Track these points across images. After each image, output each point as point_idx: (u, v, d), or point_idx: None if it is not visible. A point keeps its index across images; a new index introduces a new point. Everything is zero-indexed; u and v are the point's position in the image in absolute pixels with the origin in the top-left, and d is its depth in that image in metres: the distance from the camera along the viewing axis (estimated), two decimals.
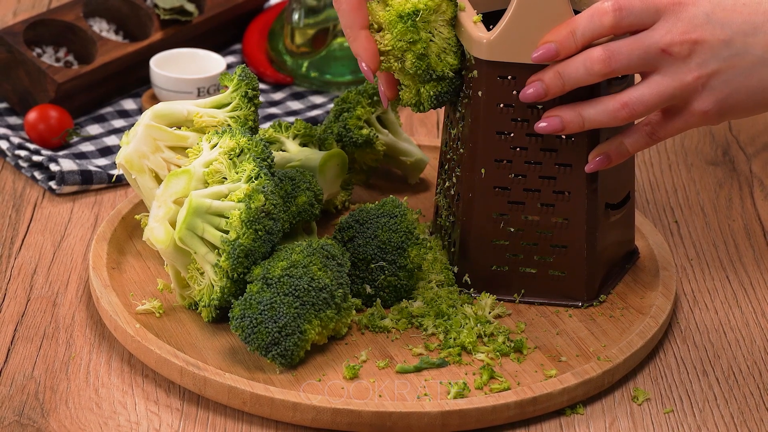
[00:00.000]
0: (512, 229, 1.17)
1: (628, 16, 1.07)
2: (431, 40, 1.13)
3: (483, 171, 1.16)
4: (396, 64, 1.14)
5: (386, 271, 1.15)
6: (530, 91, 1.11)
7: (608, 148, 1.13)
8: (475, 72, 1.14)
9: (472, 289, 1.19)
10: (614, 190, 1.19)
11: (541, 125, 1.12)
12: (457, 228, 1.19)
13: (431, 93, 1.15)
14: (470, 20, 1.14)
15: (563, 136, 1.14)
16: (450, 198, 1.21)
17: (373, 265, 1.15)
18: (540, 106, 1.13)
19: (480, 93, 1.14)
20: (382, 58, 1.13)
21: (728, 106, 1.09)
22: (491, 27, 1.13)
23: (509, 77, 1.13)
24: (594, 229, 1.16)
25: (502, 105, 1.14)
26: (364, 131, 1.30)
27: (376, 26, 1.14)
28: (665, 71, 1.08)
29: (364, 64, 1.14)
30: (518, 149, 1.15)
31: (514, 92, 1.13)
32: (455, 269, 1.19)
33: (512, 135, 1.14)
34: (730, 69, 1.07)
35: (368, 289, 1.16)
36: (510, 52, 1.11)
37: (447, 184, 1.21)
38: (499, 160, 1.15)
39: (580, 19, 1.09)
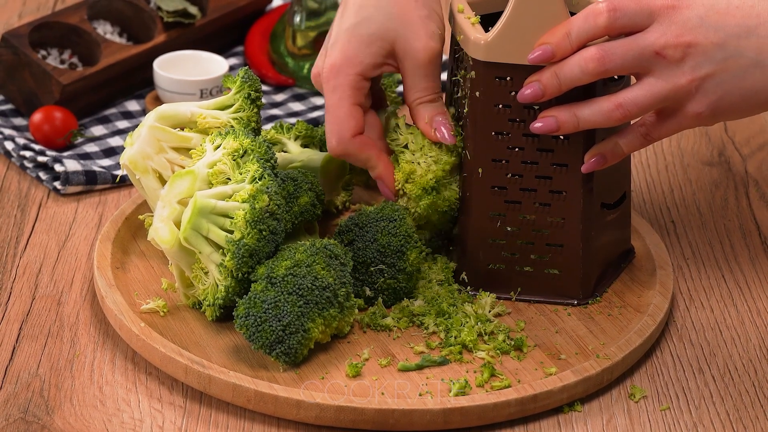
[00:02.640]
0: (509, 228, 1.17)
1: (623, 17, 1.08)
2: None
3: (480, 171, 1.16)
4: (422, 222, 1.19)
5: (386, 274, 1.16)
6: (528, 91, 1.11)
7: (604, 149, 1.14)
8: (473, 73, 1.14)
9: (469, 287, 1.20)
10: (610, 191, 1.19)
11: (537, 125, 1.12)
12: (455, 227, 1.20)
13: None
14: (468, 22, 1.15)
15: (561, 137, 1.15)
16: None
17: (372, 269, 1.16)
18: (536, 107, 1.13)
19: (478, 94, 1.14)
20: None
21: (722, 108, 1.09)
22: (489, 29, 1.13)
23: (506, 78, 1.13)
24: (589, 229, 1.17)
25: (499, 105, 1.14)
26: None
27: (401, 191, 1.18)
28: (659, 73, 1.08)
29: (387, 188, 1.18)
30: (515, 149, 1.15)
31: (512, 93, 1.13)
32: (453, 267, 1.20)
33: (509, 135, 1.15)
34: (723, 72, 1.08)
35: (368, 292, 1.16)
36: (507, 54, 1.12)
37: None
38: (496, 160, 1.16)
39: (576, 20, 1.09)
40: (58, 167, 1.34)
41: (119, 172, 1.36)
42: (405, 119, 1.20)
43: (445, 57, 1.57)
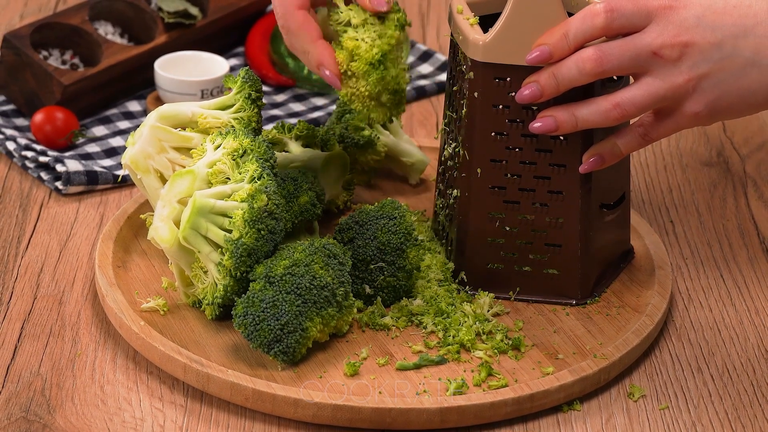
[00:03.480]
0: (508, 228, 1.17)
1: (620, 18, 1.08)
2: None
3: (479, 171, 1.17)
4: (371, 103, 1.16)
5: (385, 272, 1.16)
6: (526, 92, 1.12)
7: (602, 149, 1.14)
8: (472, 73, 1.15)
9: (468, 287, 1.20)
10: (609, 191, 1.19)
11: (536, 125, 1.12)
12: (454, 226, 1.20)
13: (388, 113, 1.18)
14: (467, 23, 1.15)
15: (560, 137, 1.15)
16: (447, 197, 1.22)
17: (372, 266, 1.16)
18: (535, 107, 1.14)
19: (476, 94, 1.15)
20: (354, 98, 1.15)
21: (719, 108, 1.09)
22: (488, 29, 1.14)
23: (505, 79, 1.13)
24: (588, 229, 1.17)
25: (498, 106, 1.14)
26: (366, 132, 1.30)
27: (347, 72, 1.15)
28: (656, 73, 1.09)
29: (328, 72, 1.15)
30: (514, 149, 1.15)
31: (510, 93, 1.13)
32: (452, 267, 1.21)
33: (508, 135, 1.15)
34: (720, 71, 1.08)
35: (367, 290, 1.17)
36: (505, 54, 1.12)
37: (444, 184, 1.23)
38: (495, 160, 1.16)
39: (573, 21, 1.09)
40: (59, 167, 1.35)
41: (121, 172, 1.36)
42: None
43: (444, 57, 1.57)
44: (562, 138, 1.15)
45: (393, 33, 1.15)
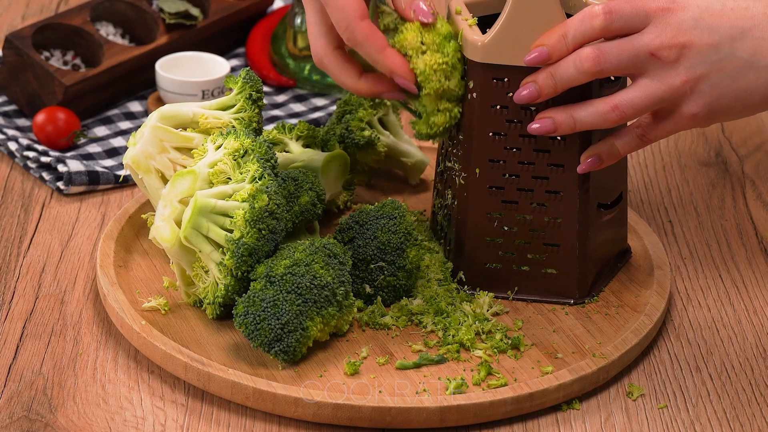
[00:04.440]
0: (506, 228, 1.18)
1: (618, 19, 1.09)
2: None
3: (477, 171, 1.17)
4: (445, 82, 1.14)
5: (385, 272, 1.16)
6: (524, 92, 1.12)
7: (600, 150, 1.14)
8: (470, 74, 1.15)
9: (466, 286, 1.20)
10: (606, 191, 1.20)
11: (534, 126, 1.13)
12: (453, 226, 1.20)
13: (449, 117, 1.16)
14: (466, 23, 1.15)
15: (558, 138, 1.16)
16: (446, 197, 1.22)
17: (372, 266, 1.16)
18: (533, 108, 1.14)
19: (475, 95, 1.15)
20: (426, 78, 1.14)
21: (717, 109, 1.10)
22: (486, 30, 1.14)
23: (503, 79, 1.14)
24: (586, 229, 1.17)
25: (496, 107, 1.15)
26: (366, 133, 1.31)
27: (410, 53, 1.14)
28: (654, 74, 1.09)
29: (401, 78, 1.13)
30: (512, 150, 1.16)
31: (508, 94, 1.14)
32: (451, 266, 1.21)
33: (506, 136, 1.15)
34: (718, 73, 1.08)
35: (368, 289, 1.17)
36: (504, 55, 1.13)
37: (443, 184, 1.23)
38: (493, 161, 1.16)
39: (572, 22, 1.10)
40: (61, 167, 1.35)
41: (122, 172, 1.37)
42: None
43: None
44: (560, 138, 1.15)
45: (453, 58, 1.14)
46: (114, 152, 1.41)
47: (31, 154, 1.38)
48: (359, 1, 1.12)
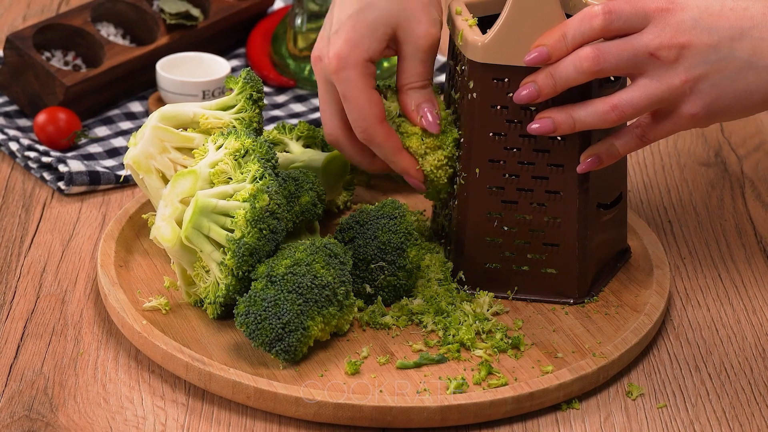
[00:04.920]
0: (506, 228, 1.18)
1: (618, 19, 1.09)
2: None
3: (477, 171, 1.17)
4: (449, 171, 1.19)
5: (386, 271, 1.17)
6: (524, 92, 1.12)
7: (599, 150, 1.14)
8: (470, 74, 1.15)
9: (466, 286, 1.20)
10: (606, 191, 1.20)
11: (534, 126, 1.13)
12: (453, 226, 1.21)
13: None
14: (466, 24, 1.15)
15: (557, 138, 1.16)
16: (446, 197, 1.23)
17: (372, 266, 1.17)
18: (533, 108, 1.14)
19: (475, 95, 1.15)
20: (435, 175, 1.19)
21: (716, 110, 1.10)
22: (486, 31, 1.14)
23: (503, 79, 1.14)
24: (585, 228, 1.17)
25: (496, 107, 1.15)
26: None
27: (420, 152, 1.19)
28: (653, 75, 1.09)
29: (413, 179, 1.18)
30: (512, 150, 1.16)
31: (508, 94, 1.14)
32: (450, 266, 1.21)
33: (506, 136, 1.16)
34: (717, 73, 1.08)
35: (368, 289, 1.17)
36: (504, 55, 1.13)
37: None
38: (493, 161, 1.16)
39: (571, 22, 1.10)
40: (62, 168, 1.35)
41: (123, 172, 1.37)
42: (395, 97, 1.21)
43: (443, 59, 1.58)
44: (560, 138, 1.16)
45: (452, 149, 1.18)
46: (115, 152, 1.41)
47: (32, 154, 1.38)
48: (378, 102, 1.16)
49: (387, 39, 1.16)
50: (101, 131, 1.45)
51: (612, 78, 1.16)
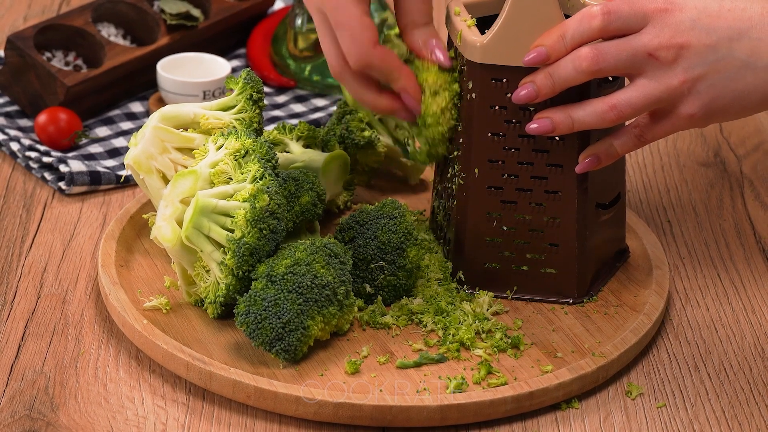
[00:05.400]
0: (505, 228, 1.18)
1: (617, 20, 1.09)
2: None
3: (477, 171, 1.18)
4: (455, 114, 1.17)
5: (386, 271, 1.17)
6: (522, 92, 1.12)
7: (598, 150, 1.15)
8: (469, 75, 1.15)
9: (466, 286, 1.20)
10: (604, 191, 1.20)
11: (533, 126, 1.13)
12: (452, 226, 1.21)
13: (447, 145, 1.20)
14: (465, 24, 1.16)
15: (556, 138, 1.16)
16: (445, 197, 1.23)
17: (372, 265, 1.17)
18: (532, 108, 1.14)
19: (473, 95, 1.16)
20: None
21: (714, 110, 1.10)
22: (485, 31, 1.14)
23: (502, 80, 1.14)
24: (584, 228, 1.18)
25: (495, 107, 1.15)
26: (366, 133, 1.31)
27: (427, 92, 1.17)
28: (652, 75, 1.09)
29: (410, 98, 1.16)
30: (511, 150, 1.16)
31: (507, 94, 1.14)
32: (450, 266, 1.21)
33: (505, 136, 1.16)
34: (715, 73, 1.09)
35: (368, 289, 1.17)
36: (503, 56, 1.13)
37: (442, 184, 1.24)
38: (492, 161, 1.17)
39: (570, 22, 1.10)
40: (62, 168, 1.35)
41: (123, 173, 1.37)
42: (394, 32, 1.20)
43: None
44: (558, 138, 1.16)
45: (455, 98, 1.18)
46: (115, 152, 1.42)
47: (33, 154, 1.38)
48: (370, 26, 1.13)
49: None
50: (102, 131, 1.45)
51: (610, 78, 1.16)
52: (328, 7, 1.13)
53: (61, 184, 1.35)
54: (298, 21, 1.53)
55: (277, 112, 1.50)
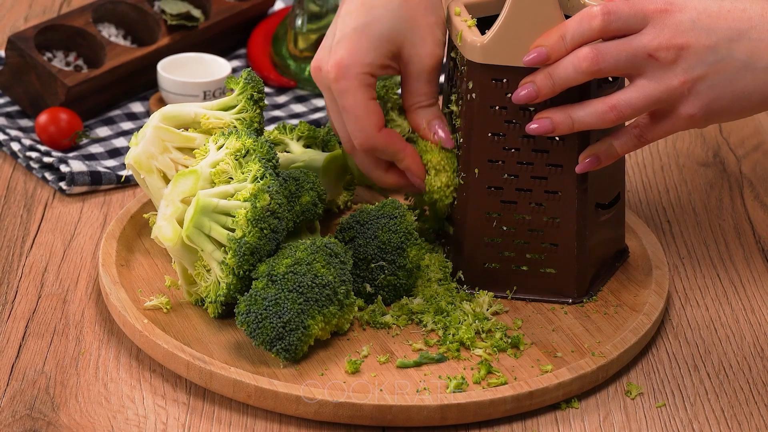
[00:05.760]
0: (505, 228, 1.18)
1: (617, 20, 1.09)
2: None
3: (477, 171, 1.18)
4: (453, 193, 1.19)
5: (386, 271, 1.17)
6: (522, 92, 1.12)
7: (598, 150, 1.15)
8: (469, 75, 1.15)
9: (466, 286, 1.21)
10: (604, 191, 1.20)
11: (533, 126, 1.13)
12: (452, 226, 1.21)
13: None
14: (465, 24, 1.16)
15: (556, 138, 1.16)
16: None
17: (373, 265, 1.17)
18: (532, 108, 1.14)
19: (474, 95, 1.16)
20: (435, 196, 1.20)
21: (714, 111, 1.10)
22: (486, 31, 1.14)
23: (502, 80, 1.14)
24: (584, 228, 1.18)
25: (495, 107, 1.15)
26: None
27: (431, 171, 1.20)
28: (652, 75, 1.09)
29: (416, 177, 1.18)
30: (511, 150, 1.16)
31: (507, 95, 1.14)
32: (450, 266, 1.21)
33: (505, 136, 1.16)
34: (715, 74, 1.09)
35: (368, 288, 1.17)
36: (503, 56, 1.13)
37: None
38: (492, 161, 1.17)
39: (570, 23, 1.10)
40: (63, 168, 1.35)
41: (124, 172, 1.37)
42: (397, 111, 1.22)
43: None
44: (558, 139, 1.16)
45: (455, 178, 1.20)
46: (116, 152, 1.42)
47: (33, 154, 1.38)
48: (377, 111, 1.16)
49: (390, 56, 1.16)
50: (102, 131, 1.45)
51: (610, 78, 1.17)
52: (336, 90, 1.15)
53: (62, 184, 1.35)
54: (299, 21, 1.53)
55: (277, 113, 1.51)
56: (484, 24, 1.17)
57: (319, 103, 1.53)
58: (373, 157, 1.19)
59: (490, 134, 1.16)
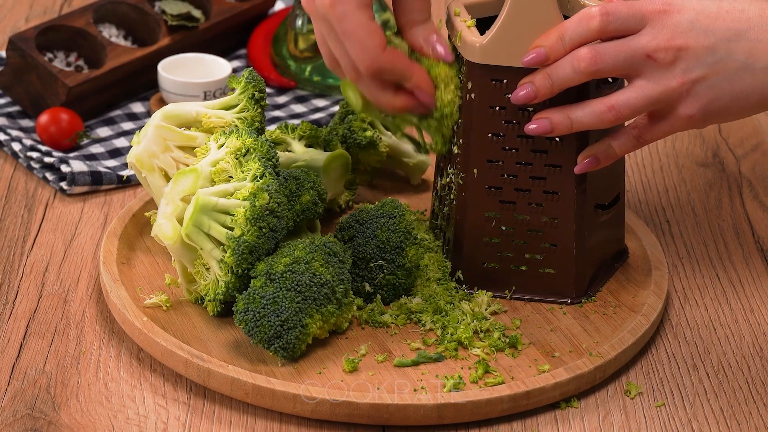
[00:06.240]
0: (504, 228, 1.18)
1: (615, 21, 1.09)
2: None
3: (476, 171, 1.18)
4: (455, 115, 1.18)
5: (385, 270, 1.17)
6: (521, 93, 1.12)
7: (596, 150, 1.15)
8: (469, 75, 1.15)
9: (464, 285, 1.21)
10: (603, 191, 1.20)
11: (531, 127, 1.13)
12: (451, 226, 1.21)
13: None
14: (464, 25, 1.16)
15: (555, 138, 1.16)
16: (444, 197, 1.23)
17: (372, 264, 1.17)
18: (530, 109, 1.15)
19: (473, 95, 1.16)
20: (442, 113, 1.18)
21: (713, 111, 1.10)
22: (485, 32, 1.14)
23: (501, 80, 1.14)
24: (582, 229, 1.18)
25: (494, 107, 1.15)
26: (368, 133, 1.31)
27: (441, 85, 1.17)
28: (650, 76, 1.09)
29: (425, 94, 1.15)
30: (510, 150, 1.16)
31: (506, 95, 1.14)
32: (449, 266, 1.21)
33: (504, 136, 1.16)
34: (714, 75, 1.09)
35: (367, 287, 1.17)
36: (502, 56, 1.13)
37: (441, 183, 1.24)
38: (491, 161, 1.17)
39: (569, 23, 1.10)
40: (64, 168, 1.36)
41: (125, 172, 1.37)
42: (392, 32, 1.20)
43: None
44: (557, 139, 1.16)
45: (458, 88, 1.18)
46: (117, 153, 1.42)
47: (34, 154, 1.38)
48: (378, 31, 1.12)
49: None
50: (103, 132, 1.45)
51: (610, 79, 1.17)
52: (333, 16, 1.12)
53: (63, 184, 1.36)
54: (299, 22, 1.53)
55: (277, 113, 1.51)
56: (483, 24, 1.17)
57: (319, 103, 1.53)
58: (379, 81, 1.15)
59: (489, 134, 1.17)
